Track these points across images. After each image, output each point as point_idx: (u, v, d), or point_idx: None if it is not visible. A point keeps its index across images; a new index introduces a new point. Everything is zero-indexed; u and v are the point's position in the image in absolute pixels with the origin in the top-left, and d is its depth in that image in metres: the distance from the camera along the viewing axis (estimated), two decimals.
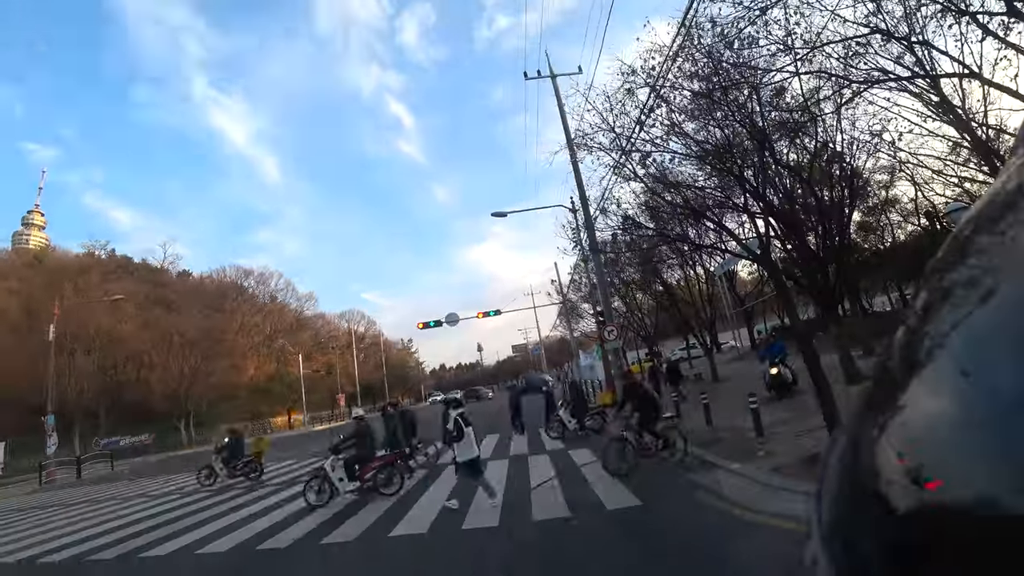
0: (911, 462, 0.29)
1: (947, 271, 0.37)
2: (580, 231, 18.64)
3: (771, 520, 4.65)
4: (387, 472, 9.19)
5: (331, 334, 75.58)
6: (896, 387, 0.33)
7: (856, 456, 0.35)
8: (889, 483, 0.30)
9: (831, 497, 0.39)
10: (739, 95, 9.52)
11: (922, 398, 0.31)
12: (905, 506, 0.28)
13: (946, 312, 0.33)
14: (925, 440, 0.29)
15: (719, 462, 7.18)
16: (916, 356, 0.33)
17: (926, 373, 0.32)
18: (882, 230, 29.40)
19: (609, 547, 4.85)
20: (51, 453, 25.82)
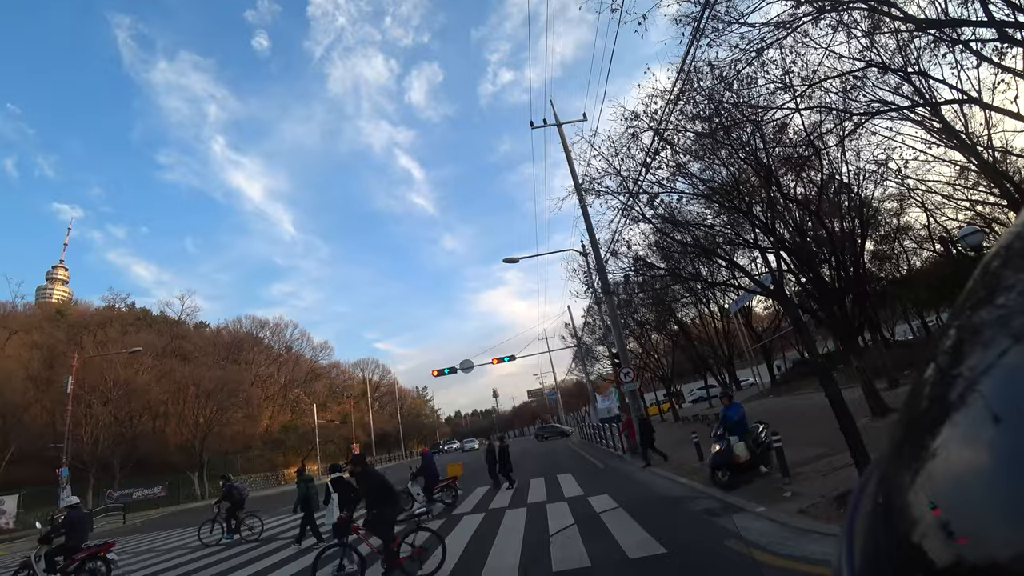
0: (944, 514, 0.27)
1: (977, 308, 0.35)
2: (592, 274, 18.70)
3: (799, 565, 4.43)
4: (93, 564, 9.33)
5: (346, 383, 75.44)
6: (927, 431, 0.32)
7: (889, 503, 0.33)
8: (924, 535, 0.28)
9: (863, 544, 0.37)
10: (742, 133, 9.69)
11: (954, 445, 0.29)
12: (941, 560, 0.27)
13: (977, 353, 0.32)
14: (956, 491, 0.28)
15: (744, 505, 6.91)
16: (947, 399, 0.32)
17: (958, 418, 0.30)
18: (897, 258, 29.06)
19: None
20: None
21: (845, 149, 11.85)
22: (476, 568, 6.47)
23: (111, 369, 40.68)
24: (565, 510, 9.55)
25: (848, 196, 12.90)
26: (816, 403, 11.87)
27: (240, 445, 50.01)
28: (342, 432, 62.04)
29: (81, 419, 36.48)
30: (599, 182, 11.06)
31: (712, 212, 11.66)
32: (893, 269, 29.49)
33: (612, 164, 10.42)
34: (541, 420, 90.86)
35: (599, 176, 11.01)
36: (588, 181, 11.53)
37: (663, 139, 9.81)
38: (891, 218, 23.86)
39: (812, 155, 11.20)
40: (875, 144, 12.96)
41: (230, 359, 58.48)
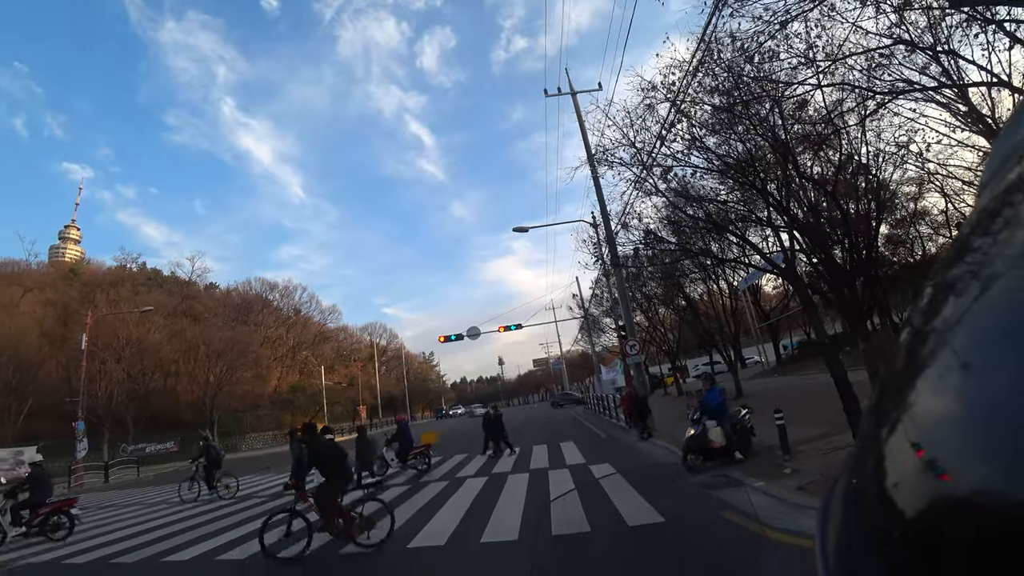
0: (928, 454, 0.28)
1: (947, 270, 0.38)
2: (601, 246, 18.63)
3: (794, 539, 4.56)
4: (57, 518, 9.83)
5: (353, 347, 76.44)
6: (904, 384, 0.33)
7: (863, 460, 0.35)
8: (906, 476, 0.29)
9: (837, 507, 0.39)
10: (760, 109, 9.50)
11: (928, 394, 0.31)
12: (924, 498, 0.28)
13: (946, 309, 0.34)
14: (938, 432, 0.29)
15: (744, 479, 7.06)
16: (920, 354, 0.34)
17: (930, 370, 0.32)
18: (912, 243, 28.69)
19: (630, 564, 4.80)
20: (80, 458, 26.52)
21: (866, 129, 11.56)
22: (479, 528, 6.69)
23: (123, 327, 41.44)
24: (567, 476, 9.80)
25: (865, 178, 12.66)
26: (821, 383, 11.96)
27: (249, 404, 51.13)
28: (349, 394, 63.21)
29: (95, 375, 37.38)
30: (612, 153, 10.92)
31: (726, 188, 11.52)
32: (907, 254, 29.14)
33: (626, 135, 10.28)
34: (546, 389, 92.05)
35: (613, 147, 10.87)
36: (601, 152, 11.39)
37: (680, 111, 9.64)
38: (908, 202, 23.44)
39: (831, 134, 10.96)
40: (897, 125, 12.63)
41: (239, 320, 59.31)
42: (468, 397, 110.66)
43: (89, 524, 11.54)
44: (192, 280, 68.79)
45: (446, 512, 8.05)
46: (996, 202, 0.37)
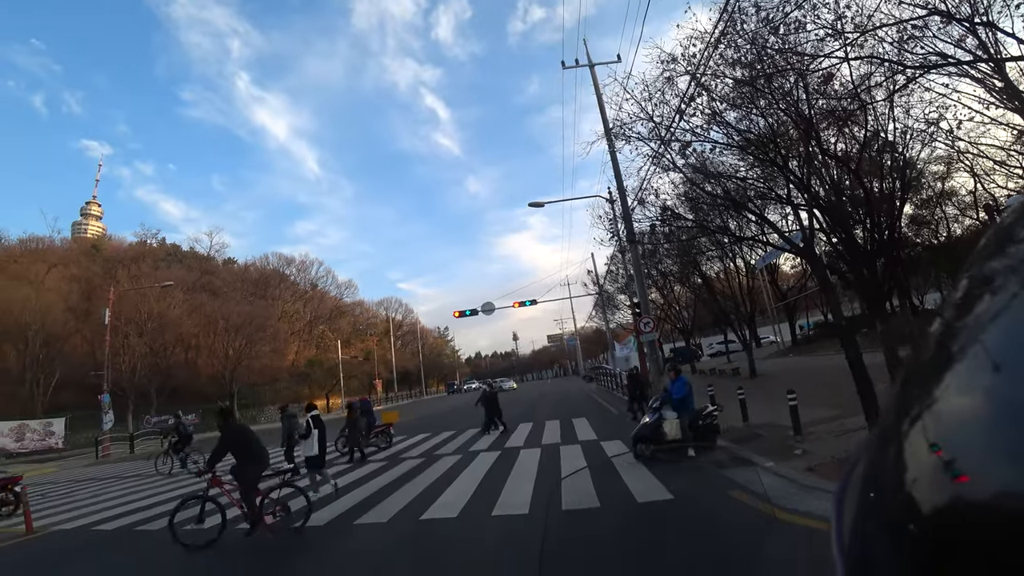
0: (947, 455, 0.27)
1: (985, 262, 0.35)
2: (617, 222, 18.43)
3: (802, 519, 4.56)
4: (3, 494, 10.53)
5: (369, 321, 77.27)
6: (930, 379, 0.32)
7: (884, 449, 0.34)
8: (923, 475, 0.29)
9: (854, 491, 0.38)
10: (784, 82, 9.21)
11: (954, 392, 0.30)
12: (939, 499, 0.27)
13: (982, 305, 0.32)
14: (959, 433, 0.28)
15: (754, 459, 7.05)
16: (951, 349, 0.33)
17: (959, 367, 0.31)
18: (936, 224, 27.92)
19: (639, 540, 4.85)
20: (107, 429, 27.39)
21: (894, 105, 11.15)
22: (491, 501, 6.80)
23: (145, 302, 42.30)
24: (578, 452, 9.89)
25: (891, 155, 12.26)
26: (836, 365, 11.80)
27: (268, 377, 52.20)
28: (365, 368, 64.16)
29: (119, 349, 38.35)
30: (630, 127, 10.70)
31: (745, 164, 11.26)
32: (931, 235, 28.39)
33: (644, 109, 10.04)
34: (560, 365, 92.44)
35: (630, 121, 10.64)
36: (619, 126, 11.17)
37: (700, 85, 9.38)
38: (935, 182, 22.76)
39: (857, 109, 10.60)
40: (927, 101, 12.15)
41: (257, 295, 60.17)
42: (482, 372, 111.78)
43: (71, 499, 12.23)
44: (211, 255, 69.84)
45: (459, 484, 8.19)
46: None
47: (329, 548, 5.93)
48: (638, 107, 10.15)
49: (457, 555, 5.24)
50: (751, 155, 10.04)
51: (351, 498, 8.22)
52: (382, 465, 11.30)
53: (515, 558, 4.77)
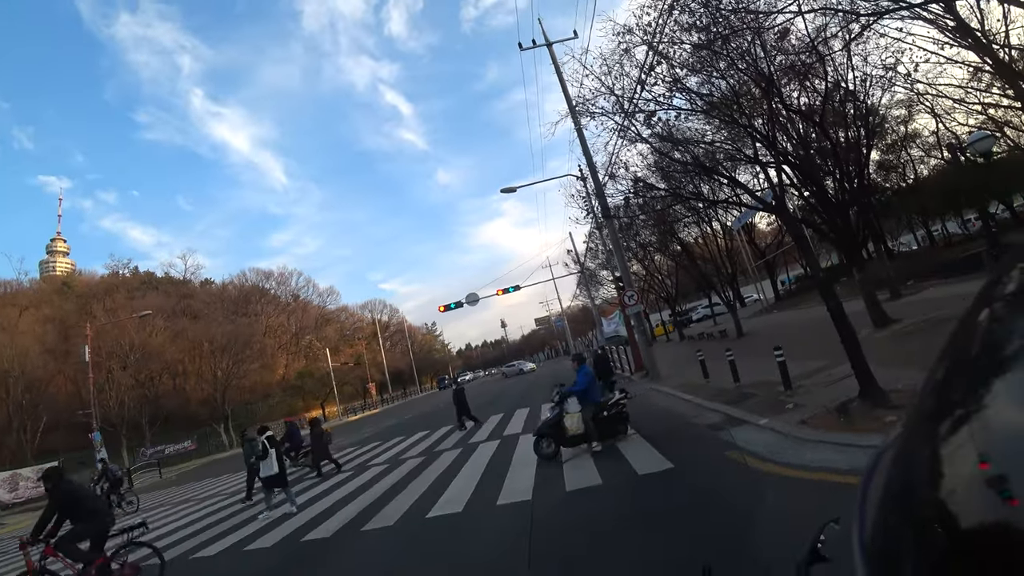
0: (995, 470, 0.25)
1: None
2: (591, 198, 18.41)
3: (797, 472, 4.63)
4: None
5: (355, 325, 76.77)
6: (978, 383, 0.29)
7: (918, 446, 0.31)
8: (962, 488, 0.26)
9: (880, 484, 0.35)
10: (741, 42, 9.19)
11: (1009, 402, 0.27)
12: (981, 517, 0.25)
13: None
14: (1010, 449, 0.25)
15: (748, 418, 7.14)
16: (1005, 349, 0.29)
17: (1015, 376, 0.27)
18: (903, 167, 28.40)
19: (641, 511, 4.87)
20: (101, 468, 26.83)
21: (851, 54, 11.27)
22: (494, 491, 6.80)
23: (125, 334, 41.50)
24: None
25: (854, 104, 12.41)
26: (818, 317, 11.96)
27: (260, 394, 51.73)
28: (357, 373, 63.85)
29: (104, 385, 37.63)
30: (593, 103, 10.60)
31: (712, 128, 11.27)
32: (899, 179, 28.88)
33: (605, 83, 9.94)
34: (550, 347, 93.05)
35: (593, 97, 10.54)
36: (582, 102, 11.08)
37: (658, 53, 9.32)
38: (898, 126, 23.11)
39: (816, 62, 10.67)
40: (883, 47, 12.28)
41: (239, 313, 59.38)
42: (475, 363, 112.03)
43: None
44: (187, 279, 68.56)
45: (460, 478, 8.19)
46: None
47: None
48: (599, 82, 10.05)
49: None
50: (716, 118, 10.04)
51: (308, 513, 8.48)
52: (348, 475, 11.67)
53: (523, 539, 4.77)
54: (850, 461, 4.41)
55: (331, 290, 77.14)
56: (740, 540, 3.43)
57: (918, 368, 6.52)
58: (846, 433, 5.18)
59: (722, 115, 9.55)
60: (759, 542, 3.30)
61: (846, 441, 4.95)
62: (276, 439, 9.46)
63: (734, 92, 9.38)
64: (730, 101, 9.32)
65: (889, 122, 20.93)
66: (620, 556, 4.00)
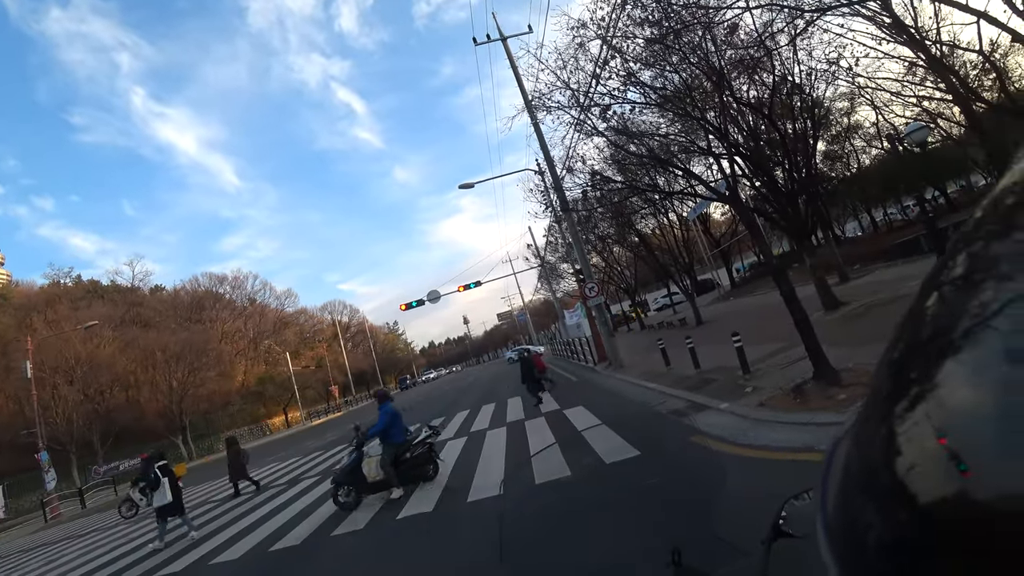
0: (952, 445, 0.26)
1: (991, 241, 0.33)
2: (549, 192, 18.53)
3: (758, 452, 4.80)
4: None
5: (316, 328, 75.16)
6: (932, 362, 0.30)
7: (876, 426, 0.32)
8: (922, 463, 0.27)
9: (840, 463, 0.36)
10: (693, 37, 9.39)
11: (962, 380, 0.28)
12: (938, 490, 0.26)
13: (989, 290, 0.30)
14: (968, 424, 0.27)
15: (709, 403, 7.35)
16: (955, 331, 0.30)
17: (967, 353, 0.29)
18: (847, 157, 29.75)
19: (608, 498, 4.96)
20: (51, 489, 25.50)
21: (797, 48, 11.71)
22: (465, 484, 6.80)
23: (70, 347, 39.32)
24: (543, 425, 10.00)
25: (800, 97, 12.90)
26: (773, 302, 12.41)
27: (218, 403, 49.93)
28: (319, 376, 62.57)
29: (49, 402, 35.65)
30: (549, 97, 10.67)
31: (666, 121, 11.52)
32: (844, 168, 30.26)
33: (561, 77, 10.03)
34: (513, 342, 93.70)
35: (548, 91, 10.60)
36: (538, 97, 11.12)
37: (612, 47, 9.44)
38: (842, 117, 24.19)
39: (764, 56, 11.02)
40: (826, 42, 12.86)
41: (193, 319, 57.21)
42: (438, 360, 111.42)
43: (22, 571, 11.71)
44: (135, 286, 65.40)
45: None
46: None
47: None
48: (554, 76, 10.13)
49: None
50: (670, 111, 10.25)
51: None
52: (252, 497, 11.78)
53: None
54: (807, 439, 4.61)
55: (289, 293, 75.35)
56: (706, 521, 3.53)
57: (868, 348, 6.87)
58: (802, 412, 5.41)
59: (675, 108, 9.76)
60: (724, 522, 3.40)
61: (803, 420, 5.17)
62: (171, 468, 9.32)
63: (687, 86, 9.59)
64: (683, 94, 9.53)
65: (833, 114, 21.87)
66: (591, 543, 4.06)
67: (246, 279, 68.90)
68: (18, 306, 53.06)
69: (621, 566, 2.18)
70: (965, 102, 15.04)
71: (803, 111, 13.08)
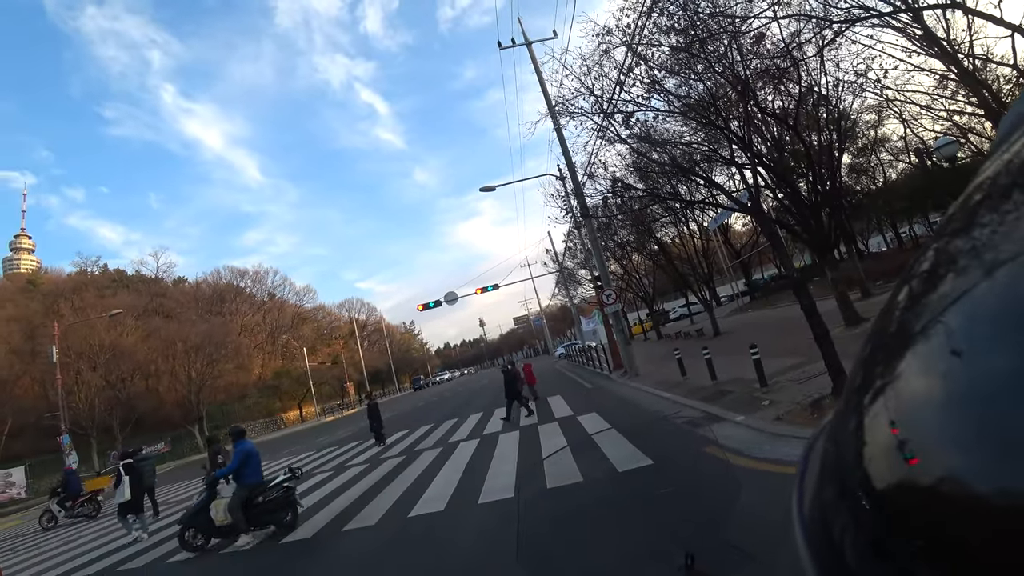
0: (901, 434, 0.28)
1: (955, 236, 0.35)
2: (570, 198, 18.54)
3: (774, 467, 4.76)
4: None
5: (333, 324, 75.92)
6: (893, 353, 0.32)
7: (846, 420, 0.34)
8: (878, 451, 0.29)
9: (817, 457, 0.39)
10: (718, 46, 9.36)
11: (914, 371, 0.30)
12: (889, 477, 0.27)
13: (947, 282, 0.32)
14: (915, 414, 0.28)
15: (725, 415, 7.29)
16: (914, 325, 0.32)
17: (921, 346, 0.30)
18: (873, 170, 29.22)
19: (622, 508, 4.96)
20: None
21: (824, 59, 11.56)
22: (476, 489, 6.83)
23: (94, 334, 40.33)
24: (557, 430, 10.00)
25: (826, 108, 12.73)
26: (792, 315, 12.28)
27: (235, 395, 50.76)
28: (334, 373, 63.16)
29: (73, 386, 36.55)
30: (572, 103, 10.69)
31: (689, 129, 11.47)
32: (869, 181, 29.71)
33: (585, 83, 10.05)
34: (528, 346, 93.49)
35: (572, 97, 10.63)
36: (561, 102, 11.15)
37: (637, 55, 9.44)
38: (868, 130, 23.77)
39: (790, 66, 10.91)
40: (855, 53, 12.65)
41: (213, 311, 58.19)
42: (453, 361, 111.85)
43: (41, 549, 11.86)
44: (159, 277, 66.84)
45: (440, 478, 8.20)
46: (1009, 176, 0.34)
47: None
48: (578, 82, 10.15)
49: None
50: (693, 120, 10.21)
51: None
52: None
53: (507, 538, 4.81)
54: None
55: (308, 289, 76.20)
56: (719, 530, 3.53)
57: None
58: None
59: (699, 117, 9.71)
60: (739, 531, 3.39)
61: None
62: (134, 466, 9.52)
63: (711, 94, 9.55)
64: (707, 103, 9.49)
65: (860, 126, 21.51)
66: (604, 548, 4.07)
67: (266, 274, 70.07)
68: (46, 292, 54.63)
69: (634, 568, 2.21)
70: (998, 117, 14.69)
71: (829, 123, 12.91)
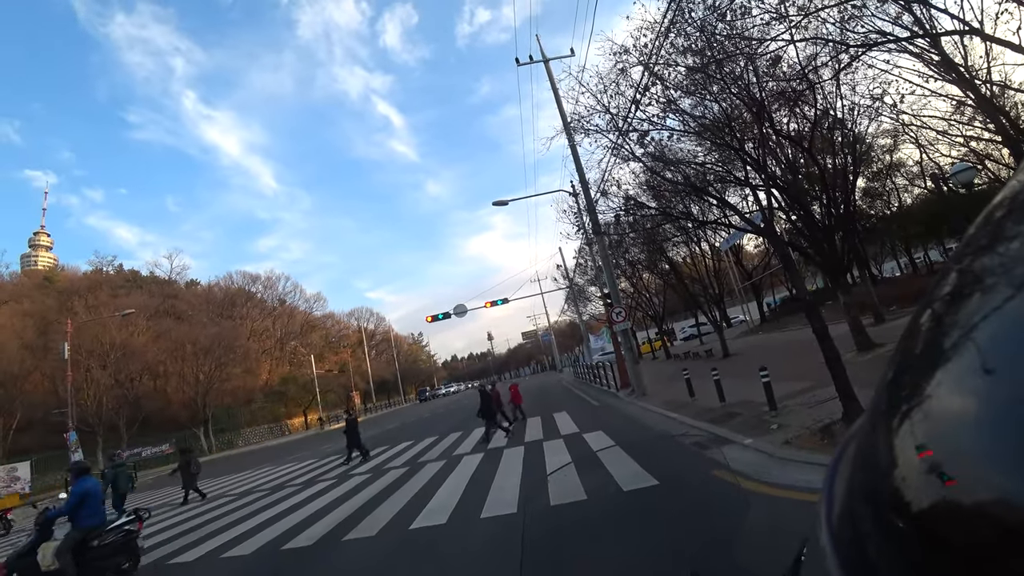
0: (935, 456, 0.27)
1: (979, 255, 0.35)
2: (582, 214, 18.58)
3: (780, 492, 4.68)
4: None
5: (341, 333, 76.21)
6: (921, 374, 0.32)
7: (876, 441, 0.34)
8: (910, 474, 0.29)
9: (846, 480, 0.39)
10: (735, 67, 9.40)
11: (945, 392, 0.30)
12: (925, 500, 0.27)
13: (975, 301, 0.32)
14: (948, 436, 0.28)
15: (733, 437, 7.20)
16: (941, 345, 0.32)
17: (951, 366, 0.30)
18: (888, 195, 29.04)
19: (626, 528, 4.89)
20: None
21: (840, 83, 11.57)
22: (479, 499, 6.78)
23: (106, 332, 40.78)
24: (562, 447, 9.92)
25: (841, 132, 12.72)
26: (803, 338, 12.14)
27: (242, 399, 50.96)
28: (341, 381, 63.23)
29: (82, 384, 36.89)
30: (588, 120, 10.76)
31: (703, 149, 11.48)
32: (884, 206, 29.51)
33: (601, 101, 10.12)
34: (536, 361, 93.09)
35: (588, 114, 10.71)
36: (576, 119, 11.23)
37: (653, 74, 9.50)
38: (884, 154, 23.68)
39: (806, 89, 10.93)
40: (871, 78, 12.66)
41: (224, 315, 58.68)
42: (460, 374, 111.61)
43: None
44: (172, 279, 67.75)
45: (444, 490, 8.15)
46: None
47: None
48: (594, 99, 10.23)
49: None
50: (708, 140, 10.22)
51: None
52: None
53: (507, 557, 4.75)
54: None
55: (318, 296, 76.94)
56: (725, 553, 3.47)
57: None
58: (829, 454, 5.25)
59: (714, 137, 9.73)
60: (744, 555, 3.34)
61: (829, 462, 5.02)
62: (105, 474, 9.58)
63: (726, 115, 9.57)
64: (722, 124, 9.51)
65: (875, 151, 21.45)
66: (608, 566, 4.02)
67: (278, 280, 70.67)
68: (62, 290, 55.50)
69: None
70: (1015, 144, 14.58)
71: (844, 146, 12.88)
